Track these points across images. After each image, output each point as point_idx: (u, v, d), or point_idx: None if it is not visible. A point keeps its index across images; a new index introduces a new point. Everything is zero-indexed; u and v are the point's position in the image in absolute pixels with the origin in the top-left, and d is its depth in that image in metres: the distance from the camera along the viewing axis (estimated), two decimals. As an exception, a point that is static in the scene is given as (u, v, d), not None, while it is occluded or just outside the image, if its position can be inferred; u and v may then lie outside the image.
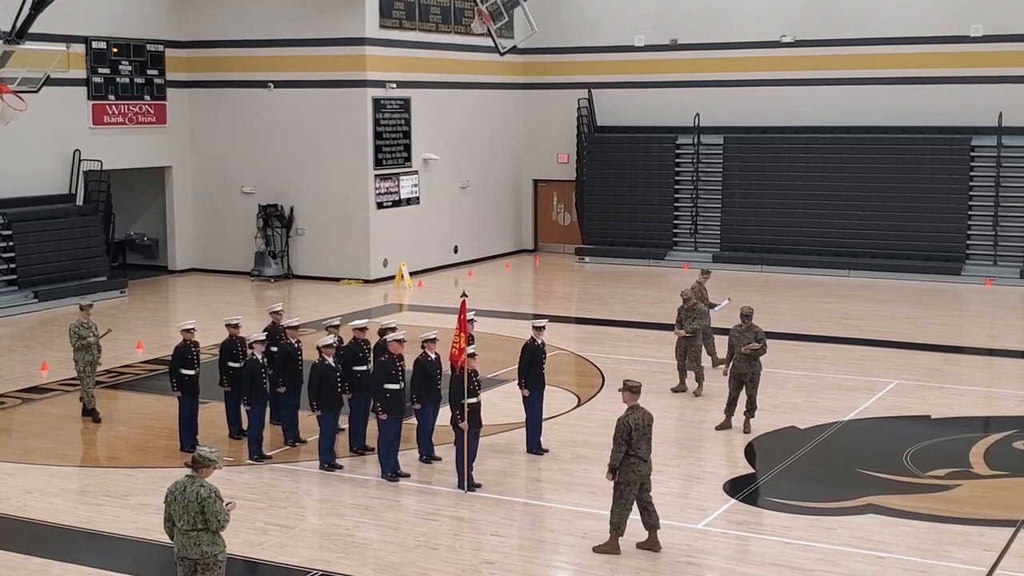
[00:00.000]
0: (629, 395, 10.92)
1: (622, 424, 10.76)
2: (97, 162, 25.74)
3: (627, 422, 10.75)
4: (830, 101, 28.63)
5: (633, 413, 10.82)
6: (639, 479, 10.83)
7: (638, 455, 10.77)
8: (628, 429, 10.71)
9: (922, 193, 27.46)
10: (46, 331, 21.65)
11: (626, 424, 10.74)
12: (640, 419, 10.80)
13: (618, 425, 10.79)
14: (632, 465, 10.76)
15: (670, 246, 30.11)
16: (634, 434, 10.72)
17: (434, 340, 13.32)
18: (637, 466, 10.78)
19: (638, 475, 10.80)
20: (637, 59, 30.70)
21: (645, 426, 10.82)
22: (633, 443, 10.73)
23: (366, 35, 26.70)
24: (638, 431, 10.74)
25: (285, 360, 14.35)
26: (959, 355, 19.65)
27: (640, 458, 10.78)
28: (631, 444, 10.72)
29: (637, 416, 10.80)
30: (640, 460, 10.78)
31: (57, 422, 15.68)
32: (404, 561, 10.84)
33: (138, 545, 11.32)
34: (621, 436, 10.72)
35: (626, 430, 10.71)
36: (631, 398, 10.89)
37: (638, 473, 10.80)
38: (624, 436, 10.71)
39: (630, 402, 10.89)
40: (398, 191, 27.78)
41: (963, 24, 27.41)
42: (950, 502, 12.31)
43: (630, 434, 10.70)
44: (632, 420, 10.75)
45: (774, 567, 10.68)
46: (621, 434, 10.72)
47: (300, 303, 24.39)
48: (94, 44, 25.99)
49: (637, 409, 10.85)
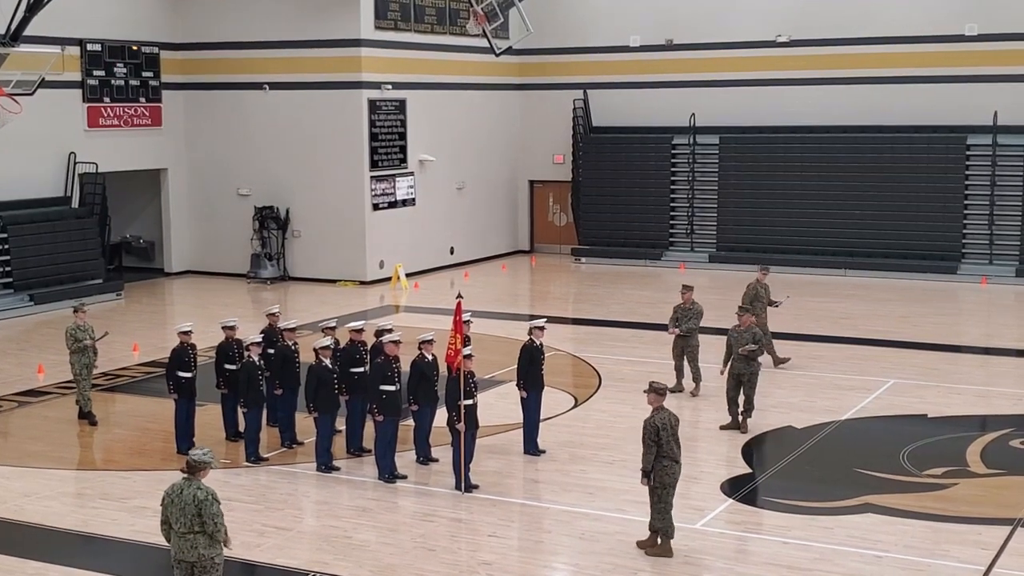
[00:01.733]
0: (654, 396, 10.90)
1: (649, 425, 10.73)
2: (92, 164, 25.71)
3: (653, 422, 10.72)
4: (826, 101, 28.65)
5: (659, 414, 10.79)
6: (674, 481, 10.81)
7: (670, 456, 10.74)
8: (655, 429, 10.68)
9: (918, 192, 27.48)
10: (42, 334, 21.62)
11: (653, 424, 10.71)
12: (667, 420, 10.78)
13: (645, 426, 10.76)
14: (665, 468, 10.73)
15: (666, 246, 30.11)
16: (662, 434, 10.68)
17: (430, 341, 13.31)
18: (670, 468, 10.76)
19: (672, 477, 10.78)
20: (632, 59, 30.71)
21: (672, 427, 10.80)
22: (663, 444, 10.69)
23: (361, 36, 26.68)
24: (666, 431, 10.70)
25: (282, 362, 14.34)
26: (955, 354, 19.66)
27: (672, 459, 10.75)
28: (661, 446, 10.68)
29: (663, 417, 10.78)
30: (672, 461, 10.76)
31: (54, 425, 15.66)
32: (402, 563, 10.83)
33: (135, 548, 11.31)
34: (649, 437, 10.68)
35: (653, 431, 10.68)
36: (656, 399, 10.88)
37: (672, 475, 10.77)
38: (652, 437, 10.67)
39: (655, 403, 10.87)
40: (394, 192, 27.77)
41: (958, 23, 27.45)
42: (947, 501, 12.32)
43: (658, 434, 10.66)
44: (659, 420, 10.72)
45: (772, 567, 10.68)
46: (649, 435, 10.68)
47: (296, 305, 24.38)
48: (89, 46, 25.97)
49: (663, 410, 10.84)
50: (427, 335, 13.48)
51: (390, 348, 13.21)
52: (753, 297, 17.97)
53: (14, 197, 24.36)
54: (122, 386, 17.72)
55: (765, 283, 18.26)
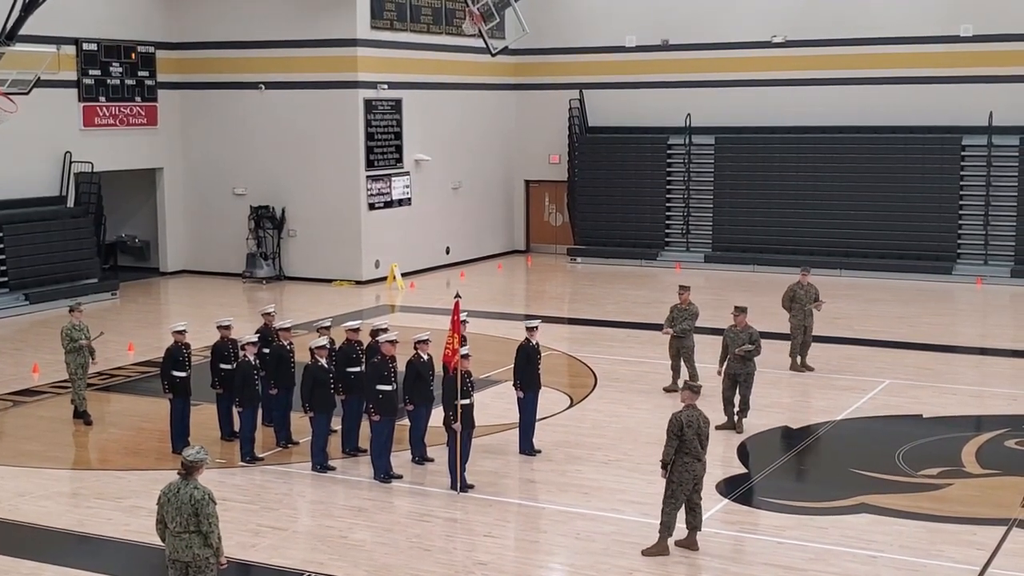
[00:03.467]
0: (689, 394, 10.95)
1: (675, 419, 10.76)
2: (88, 164, 25.67)
3: (679, 418, 10.75)
4: (821, 101, 28.67)
5: (688, 411, 10.82)
6: (693, 479, 10.82)
7: (692, 454, 10.76)
8: (680, 425, 10.70)
9: (913, 193, 27.52)
10: (37, 333, 21.59)
11: (678, 420, 10.74)
12: (695, 418, 10.79)
13: (671, 420, 10.80)
14: (686, 464, 10.75)
15: (662, 246, 30.13)
16: (687, 431, 10.70)
17: (426, 341, 13.31)
18: (691, 465, 10.77)
19: (691, 474, 10.79)
20: (628, 60, 30.73)
21: (700, 425, 10.81)
22: (687, 441, 10.71)
23: (357, 36, 26.67)
24: (691, 428, 10.72)
25: (277, 362, 14.33)
26: (950, 354, 19.69)
27: (695, 457, 10.77)
28: (685, 442, 10.70)
29: (692, 414, 10.80)
30: (694, 459, 10.77)
31: (49, 425, 15.63)
32: (397, 563, 10.83)
33: (130, 548, 11.29)
34: (673, 431, 10.72)
35: (678, 426, 10.70)
36: (690, 397, 10.91)
37: (691, 472, 10.78)
38: (676, 431, 10.70)
39: (688, 400, 10.91)
40: (390, 192, 27.76)
41: (953, 24, 27.49)
42: (942, 501, 12.33)
43: (682, 430, 10.69)
44: (685, 416, 10.75)
45: (767, 567, 10.69)
46: (673, 429, 10.72)
47: (292, 304, 24.35)
48: (85, 46, 25.93)
49: (694, 408, 10.86)
50: (423, 335, 13.48)
51: (387, 348, 13.20)
52: (792, 298, 17.97)
53: (9, 196, 24.32)
54: (117, 386, 17.70)
55: (806, 284, 18.19)
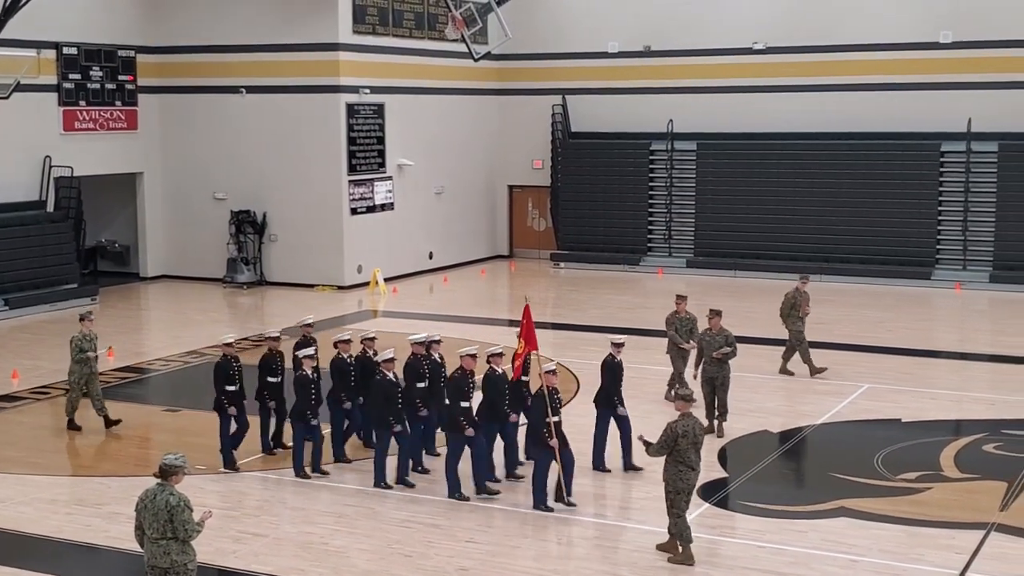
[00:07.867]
0: (682, 403, 10.96)
1: (670, 429, 10.79)
2: (68, 168, 25.55)
3: (675, 428, 10.77)
4: (802, 107, 28.78)
5: (684, 420, 10.84)
6: (688, 487, 10.85)
7: (687, 463, 10.78)
8: (675, 436, 10.73)
9: (892, 198, 27.66)
10: (16, 339, 21.45)
11: (673, 431, 10.76)
12: (691, 427, 10.81)
13: (666, 430, 10.83)
14: (681, 473, 10.78)
15: (645, 251, 30.20)
16: (681, 441, 10.72)
17: (500, 355, 12.97)
18: (686, 474, 10.80)
19: (687, 483, 10.83)
20: (611, 65, 30.80)
21: (695, 434, 10.83)
22: (682, 450, 10.74)
23: (339, 40, 26.64)
24: (686, 438, 10.75)
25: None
26: (930, 359, 19.78)
27: (689, 466, 10.80)
28: (680, 451, 10.73)
29: (687, 423, 10.82)
30: (689, 468, 10.80)
31: (28, 431, 15.55)
32: (378, 568, 10.81)
33: (110, 554, 11.24)
34: (667, 440, 10.76)
35: (672, 437, 10.74)
36: (683, 406, 10.93)
37: (687, 481, 10.82)
38: (669, 443, 10.74)
39: (682, 409, 10.92)
40: (372, 197, 27.73)
41: (933, 31, 27.65)
42: (921, 505, 12.39)
43: (676, 440, 10.72)
44: (681, 427, 10.77)
45: (746, 571, 10.72)
46: (667, 438, 10.76)
47: (274, 310, 24.29)
48: (65, 50, 25.82)
49: (689, 417, 10.88)
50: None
51: (466, 362, 12.84)
52: (791, 305, 18.04)
53: (-11, 201, 24.20)
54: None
55: (804, 291, 18.28)
